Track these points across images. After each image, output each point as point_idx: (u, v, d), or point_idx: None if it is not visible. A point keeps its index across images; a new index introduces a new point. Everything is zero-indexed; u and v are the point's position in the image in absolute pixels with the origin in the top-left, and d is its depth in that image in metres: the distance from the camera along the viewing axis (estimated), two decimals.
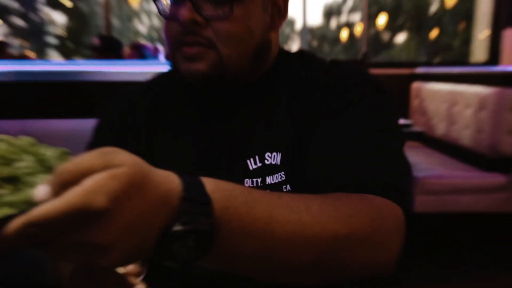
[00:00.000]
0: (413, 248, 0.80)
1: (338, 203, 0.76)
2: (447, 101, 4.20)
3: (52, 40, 18.34)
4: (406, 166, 0.93)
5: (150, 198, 0.52)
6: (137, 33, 18.88)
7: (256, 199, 0.65)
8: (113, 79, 2.11)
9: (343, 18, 20.26)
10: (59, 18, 18.39)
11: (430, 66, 5.50)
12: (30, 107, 2.05)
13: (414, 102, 4.95)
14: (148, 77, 1.21)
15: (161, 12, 1.00)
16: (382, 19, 15.70)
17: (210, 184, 0.59)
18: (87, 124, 1.15)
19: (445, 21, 16.52)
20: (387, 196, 0.82)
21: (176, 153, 1.07)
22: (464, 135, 3.90)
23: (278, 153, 1.01)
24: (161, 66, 2.56)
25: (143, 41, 6.46)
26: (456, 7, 14.08)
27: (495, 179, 3.52)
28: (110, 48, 4.84)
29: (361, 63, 5.50)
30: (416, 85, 4.95)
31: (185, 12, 0.92)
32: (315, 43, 19.71)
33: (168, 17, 0.99)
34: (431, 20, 17.11)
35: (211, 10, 0.94)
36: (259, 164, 1.01)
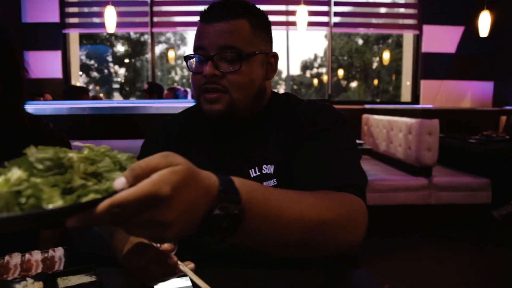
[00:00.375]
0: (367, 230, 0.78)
1: (325, 198, 0.75)
2: (386, 127, 4.19)
3: (115, 86, 18.40)
4: (363, 173, 0.92)
5: (198, 188, 0.50)
6: (173, 80, 18.96)
7: (270, 193, 0.63)
8: (155, 112, 2.11)
9: (315, 70, 20.38)
10: (120, 71, 18.48)
11: (374, 104, 5.51)
12: (100, 131, 2.03)
13: (364, 128, 4.94)
14: (179, 110, 1.20)
15: (189, 68, 1.01)
16: (341, 72, 15.81)
17: (237, 181, 0.57)
18: (137, 143, 1.14)
19: (383, 73, 16.64)
20: (355, 193, 0.81)
21: (198, 163, 1.04)
22: (398, 151, 3.88)
23: (272, 166, 0.99)
24: (188, 103, 2.52)
25: (176, 86, 6.46)
26: (390, 64, 14.21)
27: (420, 181, 3.50)
28: (155, 91, 4.84)
29: (327, 101, 5.50)
30: (365, 116, 4.95)
31: (208, 68, 0.94)
32: (295, 87, 19.80)
33: (195, 71, 0.99)
34: (374, 72, 17.25)
35: (226, 67, 0.94)
36: (258, 173, 1.00)
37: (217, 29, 0.95)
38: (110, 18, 4.96)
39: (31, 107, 1.15)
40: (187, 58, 1.01)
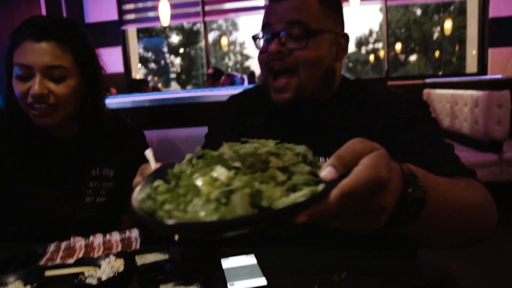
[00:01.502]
0: None
1: (467, 183, 0.75)
2: (450, 102, 3.97)
3: (172, 75, 19.03)
4: None
5: (397, 171, 0.49)
6: (227, 66, 19.21)
7: (436, 178, 0.60)
8: (212, 100, 2.18)
9: (370, 46, 19.61)
10: (176, 60, 19.06)
11: (436, 77, 5.21)
12: (161, 121, 2.15)
13: None
14: None
15: (257, 47, 1.00)
16: (398, 46, 15.06)
17: (410, 166, 0.54)
18: (197, 131, 1.17)
19: (445, 44, 15.61)
20: (474, 178, 0.81)
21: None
22: (464, 126, 3.67)
23: None
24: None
25: (232, 72, 6.57)
26: (452, 33, 13.28)
27: (490, 157, 3.29)
28: (218, 76, 5.02)
29: (385, 78, 5.30)
30: (426, 91, 4.71)
31: (273, 46, 0.92)
32: (350, 65, 19.23)
33: (262, 50, 0.99)
34: (434, 44, 16.24)
35: (293, 43, 0.92)
36: None
37: (286, 6, 0.93)
38: (164, 11, 5.15)
39: None
40: (254, 37, 1.00)
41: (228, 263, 0.81)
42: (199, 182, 0.43)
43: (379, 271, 0.79)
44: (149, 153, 0.77)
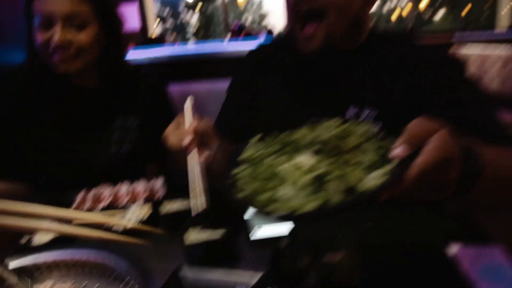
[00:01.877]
0: None
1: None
2: (477, 61, 3.81)
3: (190, 33, 18.76)
4: None
5: (459, 146, 0.51)
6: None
7: (489, 151, 0.61)
8: (232, 52, 2.14)
9: (394, 2, 18.83)
10: (193, 18, 18.71)
11: (464, 35, 4.98)
12: (181, 74, 2.14)
13: None
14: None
15: None
16: (422, 3, 14.38)
17: (465, 138, 0.56)
18: (218, 84, 1.17)
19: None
20: None
21: (287, 99, 1.02)
22: (492, 86, 3.54)
23: (373, 110, 0.92)
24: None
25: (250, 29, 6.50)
26: None
27: None
28: (242, 30, 5.35)
29: (410, 34, 5.10)
30: (452, 49, 4.52)
31: None
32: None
33: None
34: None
35: None
36: (355, 116, 0.94)
37: None
38: None
39: None
40: None
41: (253, 210, 0.82)
42: (282, 168, 0.47)
43: (403, 222, 0.79)
44: (188, 103, 0.77)
